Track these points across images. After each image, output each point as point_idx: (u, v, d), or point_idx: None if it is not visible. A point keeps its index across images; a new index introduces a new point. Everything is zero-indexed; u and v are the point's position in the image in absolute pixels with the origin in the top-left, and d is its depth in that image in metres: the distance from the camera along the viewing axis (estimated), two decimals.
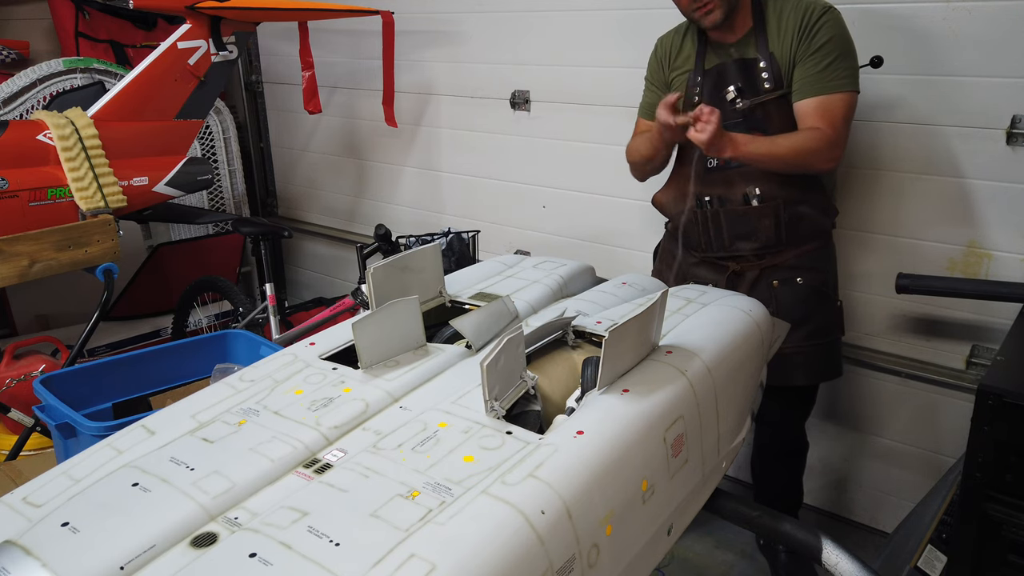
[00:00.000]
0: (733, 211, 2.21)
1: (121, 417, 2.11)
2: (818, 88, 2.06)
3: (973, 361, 2.47)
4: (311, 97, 3.65)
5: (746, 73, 2.15)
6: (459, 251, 2.93)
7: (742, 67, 2.15)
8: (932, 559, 1.86)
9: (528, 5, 3.20)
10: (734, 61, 2.16)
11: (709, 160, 2.20)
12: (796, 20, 2.10)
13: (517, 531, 0.98)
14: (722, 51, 2.19)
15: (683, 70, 2.27)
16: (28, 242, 2.75)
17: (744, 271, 2.26)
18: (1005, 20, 2.18)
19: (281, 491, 1.08)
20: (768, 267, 2.24)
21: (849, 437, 2.81)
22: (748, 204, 2.18)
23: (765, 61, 2.12)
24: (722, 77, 2.18)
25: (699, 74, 2.22)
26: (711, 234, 2.26)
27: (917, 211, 2.46)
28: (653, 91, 2.37)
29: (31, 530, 1.01)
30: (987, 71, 2.24)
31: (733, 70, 2.16)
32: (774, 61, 2.12)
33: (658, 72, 2.35)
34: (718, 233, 2.25)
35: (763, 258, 2.24)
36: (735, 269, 2.27)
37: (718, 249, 2.27)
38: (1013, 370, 1.70)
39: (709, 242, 2.27)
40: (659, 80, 2.36)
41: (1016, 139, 2.23)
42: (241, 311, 3.51)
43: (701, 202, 2.25)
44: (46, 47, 3.97)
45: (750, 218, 2.20)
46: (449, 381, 1.36)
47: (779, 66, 2.12)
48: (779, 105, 2.13)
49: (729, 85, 2.16)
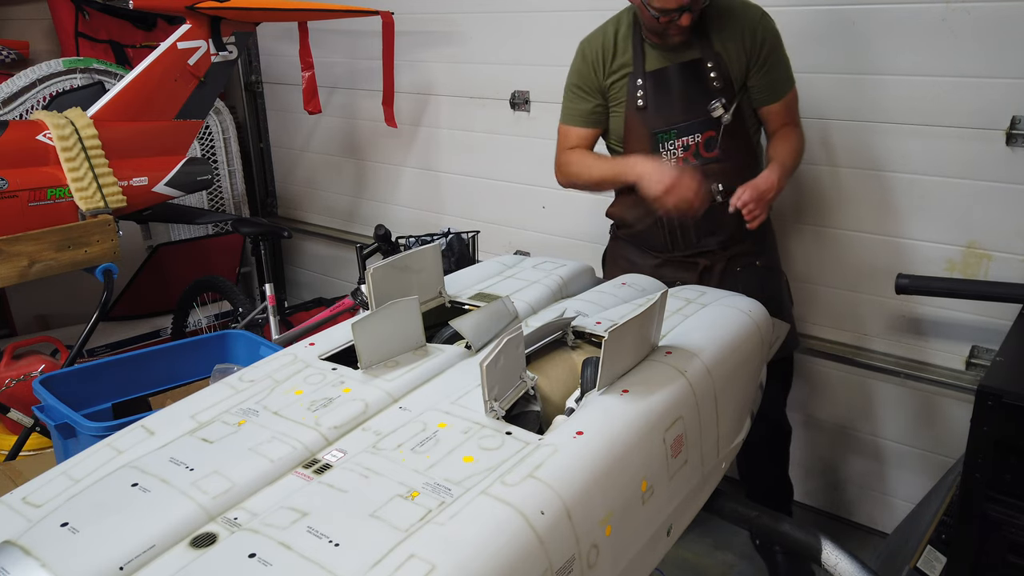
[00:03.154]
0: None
1: (121, 417, 2.11)
2: (780, 91, 2.22)
3: (972, 361, 2.47)
4: (311, 97, 3.65)
5: (694, 75, 2.14)
6: (459, 251, 2.93)
7: (688, 69, 2.14)
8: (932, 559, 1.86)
9: (528, 5, 3.20)
10: (681, 64, 2.14)
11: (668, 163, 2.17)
12: (739, 26, 2.13)
13: (517, 531, 0.98)
14: (663, 51, 2.16)
15: (621, 73, 2.21)
16: (28, 242, 2.75)
17: (713, 265, 2.27)
18: (1005, 20, 2.18)
19: (281, 491, 1.08)
20: (732, 256, 2.27)
21: (848, 437, 2.81)
22: (713, 201, 2.18)
23: (712, 61, 2.13)
24: (668, 80, 2.16)
25: (640, 77, 2.18)
26: (678, 234, 2.26)
27: (916, 211, 2.46)
28: (583, 98, 2.28)
29: (31, 530, 1.01)
30: (987, 71, 2.24)
31: (678, 73, 2.15)
32: (721, 61, 2.13)
33: (589, 77, 2.26)
34: (685, 233, 2.25)
35: (728, 248, 2.26)
36: (705, 264, 2.27)
37: (685, 248, 2.27)
38: (1013, 370, 1.70)
39: (675, 242, 2.27)
40: (591, 85, 2.26)
41: (1016, 139, 2.23)
42: (241, 311, 3.51)
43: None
44: (46, 47, 3.97)
45: (716, 213, 2.19)
46: (449, 381, 1.36)
47: (727, 66, 2.13)
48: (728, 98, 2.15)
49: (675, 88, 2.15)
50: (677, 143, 2.18)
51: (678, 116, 2.16)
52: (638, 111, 2.19)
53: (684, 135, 2.16)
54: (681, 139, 2.17)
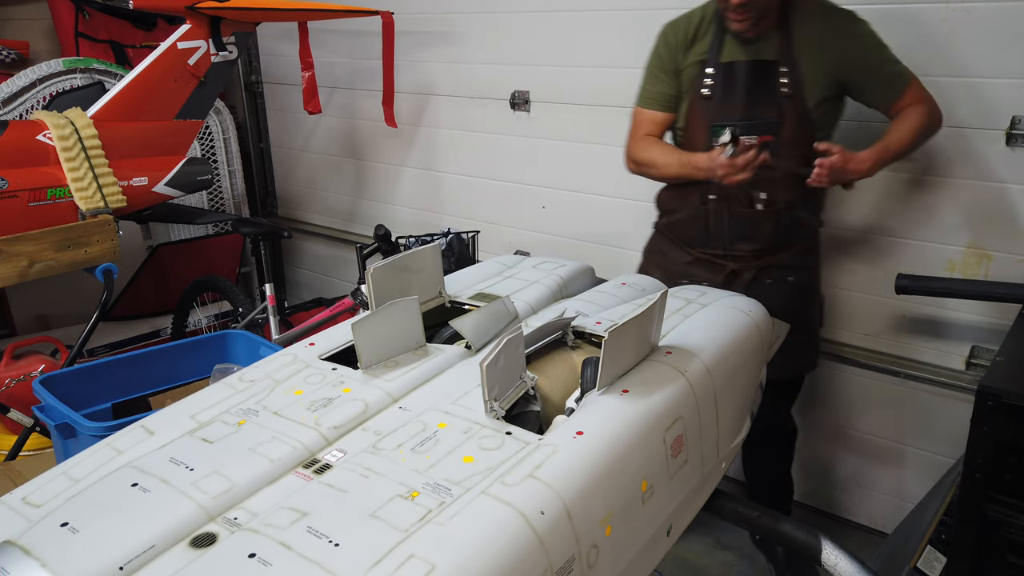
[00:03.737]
0: (737, 212, 2.20)
1: (121, 417, 2.11)
2: (900, 88, 2.14)
3: (972, 362, 2.47)
4: (311, 97, 3.65)
5: (765, 75, 2.11)
6: (459, 251, 2.93)
7: (760, 68, 2.11)
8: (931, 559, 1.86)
9: (528, 5, 3.20)
10: (753, 62, 2.11)
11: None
12: (830, 37, 2.08)
13: (517, 531, 0.98)
14: (741, 45, 2.14)
15: (696, 59, 2.19)
16: (28, 242, 2.75)
17: (742, 271, 2.26)
18: (1005, 20, 2.18)
19: (281, 491, 1.08)
20: (764, 267, 2.25)
21: (848, 437, 2.81)
22: (752, 207, 2.17)
23: (787, 66, 2.09)
24: (737, 75, 2.12)
25: (712, 66, 2.15)
26: (711, 232, 2.25)
27: (917, 211, 2.46)
28: (658, 79, 2.27)
29: (30, 530, 1.01)
30: (987, 71, 2.24)
31: (749, 70, 2.11)
32: (797, 67, 2.08)
33: (667, 59, 2.24)
34: (719, 232, 2.24)
35: (760, 258, 2.25)
36: (733, 269, 2.26)
37: (717, 247, 2.27)
38: (1012, 370, 1.70)
39: (708, 240, 2.27)
40: (667, 67, 2.25)
41: (1016, 139, 2.23)
42: (241, 311, 3.51)
43: (705, 199, 2.22)
44: (46, 47, 3.97)
45: (752, 221, 2.19)
46: (449, 381, 1.36)
47: (802, 73, 2.08)
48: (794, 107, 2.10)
49: (742, 84, 2.11)
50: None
51: (739, 112, 2.12)
52: (703, 99, 2.15)
53: (742, 134, 2.11)
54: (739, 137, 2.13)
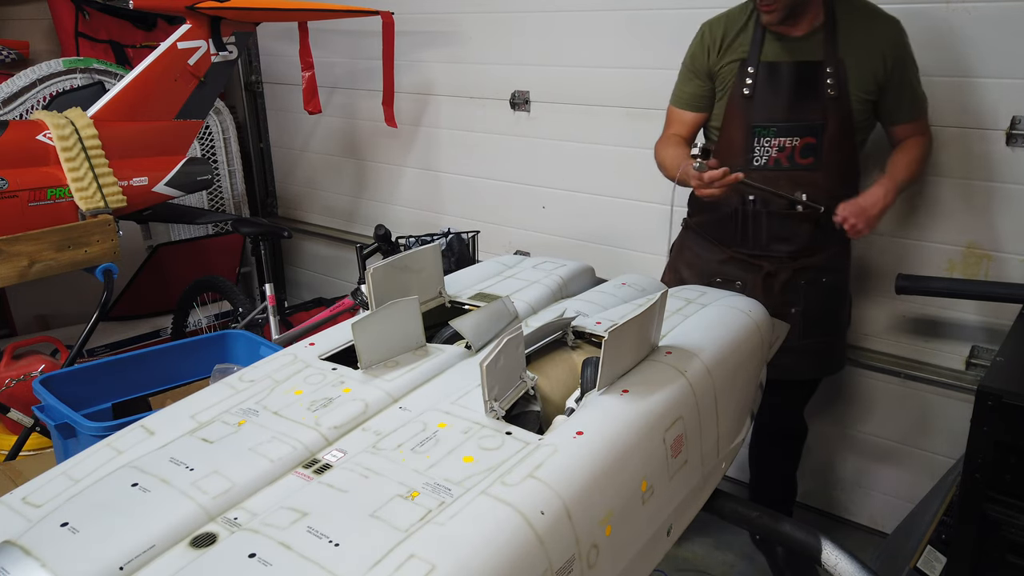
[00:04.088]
0: (776, 213, 2.17)
1: (121, 417, 2.11)
2: (916, 112, 2.19)
3: (972, 362, 2.47)
4: (311, 97, 3.65)
5: (810, 77, 2.08)
6: (459, 251, 2.93)
7: (806, 69, 2.08)
8: (931, 560, 1.86)
9: (528, 5, 3.20)
10: (799, 63, 2.08)
11: (755, 159, 2.15)
12: (876, 40, 2.07)
13: (516, 531, 0.98)
14: (783, 44, 2.10)
15: (734, 58, 2.14)
16: (28, 242, 2.75)
17: (778, 272, 2.22)
18: (1005, 20, 2.18)
19: (281, 491, 1.08)
20: (799, 268, 2.22)
21: (849, 438, 2.81)
22: (792, 208, 2.15)
23: (832, 67, 2.06)
24: (781, 75, 2.09)
25: (753, 65, 2.11)
26: (749, 232, 2.22)
27: (917, 211, 2.46)
28: (692, 80, 2.24)
29: (30, 530, 1.01)
30: (987, 71, 2.24)
31: (794, 71, 2.08)
32: (842, 69, 2.06)
33: (702, 58, 2.20)
34: (757, 232, 2.21)
35: (796, 259, 2.22)
36: (770, 270, 2.22)
37: (754, 247, 2.23)
38: (1012, 371, 1.70)
39: (746, 239, 2.23)
40: (702, 67, 2.21)
41: (1016, 140, 2.23)
42: (241, 311, 3.51)
43: (744, 199, 2.18)
44: (46, 47, 3.97)
45: (791, 221, 2.17)
46: (449, 381, 1.36)
47: (846, 74, 2.06)
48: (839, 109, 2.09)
49: (786, 85, 2.09)
50: (774, 142, 2.12)
51: (782, 114, 2.10)
52: (743, 99, 2.12)
53: (783, 135, 2.10)
54: (779, 139, 2.12)
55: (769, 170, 2.14)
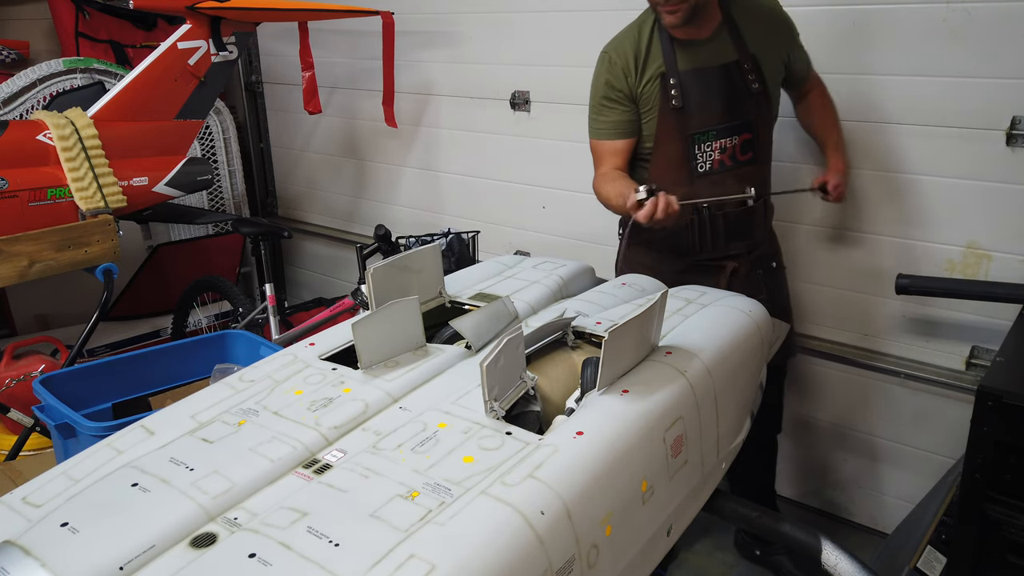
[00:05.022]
0: (732, 213, 2.19)
1: (121, 417, 2.11)
2: (810, 65, 2.35)
3: (973, 362, 2.47)
4: (311, 97, 3.65)
5: (733, 77, 2.13)
6: (459, 251, 2.93)
7: (728, 71, 2.12)
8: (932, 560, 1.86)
9: (528, 5, 3.20)
10: (721, 67, 2.11)
11: (699, 165, 2.15)
12: (771, 25, 2.19)
13: (517, 531, 0.98)
14: (695, 49, 2.12)
15: (653, 74, 2.12)
16: (28, 242, 2.75)
17: (739, 268, 2.26)
18: (1005, 20, 2.18)
19: (281, 491, 1.08)
20: (756, 258, 2.28)
21: (849, 437, 2.80)
22: (744, 204, 2.17)
23: (749, 63, 2.13)
24: (708, 81, 2.11)
25: (674, 76, 2.10)
26: (708, 238, 2.22)
27: (917, 212, 2.46)
28: (613, 108, 2.18)
29: (31, 530, 1.01)
30: (987, 71, 2.24)
31: (718, 75, 2.11)
32: (758, 62, 2.13)
33: (620, 83, 2.15)
34: (715, 236, 2.22)
35: (752, 252, 2.27)
36: (734, 268, 2.24)
37: (713, 251, 2.24)
38: (1013, 371, 1.70)
39: (704, 245, 2.23)
40: (622, 92, 2.16)
41: (1016, 140, 2.23)
42: (241, 311, 3.51)
43: (697, 210, 2.17)
44: (46, 47, 3.97)
45: (747, 218, 2.20)
46: (449, 381, 1.36)
47: (761, 66, 2.14)
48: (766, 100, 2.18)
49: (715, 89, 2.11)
50: (715, 144, 2.14)
51: (718, 117, 2.12)
52: (674, 111, 2.12)
53: (723, 137, 2.14)
54: (719, 141, 2.14)
55: (716, 173, 2.17)
